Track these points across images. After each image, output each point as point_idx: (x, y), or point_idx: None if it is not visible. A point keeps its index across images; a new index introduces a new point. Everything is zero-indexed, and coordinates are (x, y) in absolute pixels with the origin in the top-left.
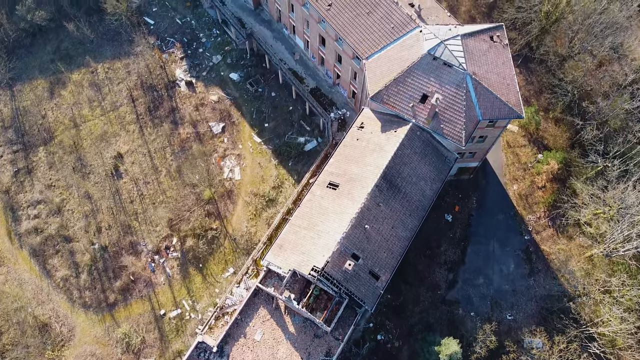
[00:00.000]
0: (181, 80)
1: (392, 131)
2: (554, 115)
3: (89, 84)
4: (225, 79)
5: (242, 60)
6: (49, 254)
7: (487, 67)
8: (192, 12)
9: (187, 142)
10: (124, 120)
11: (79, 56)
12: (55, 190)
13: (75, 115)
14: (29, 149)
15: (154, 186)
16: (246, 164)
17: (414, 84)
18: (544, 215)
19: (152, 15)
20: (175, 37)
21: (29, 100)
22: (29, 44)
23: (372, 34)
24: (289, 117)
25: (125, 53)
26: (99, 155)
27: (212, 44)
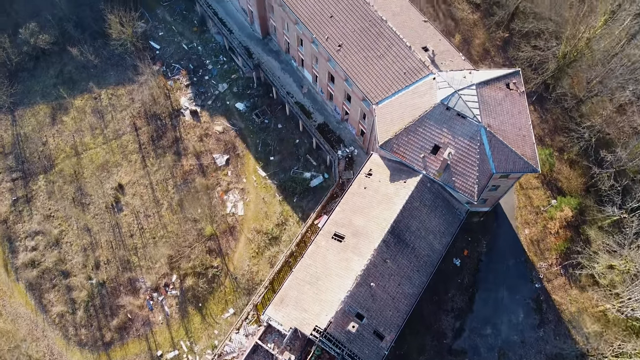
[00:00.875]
0: (186, 109)
1: (402, 181)
2: (569, 157)
3: (92, 110)
4: (230, 109)
5: (248, 89)
6: (46, 288)
7: (503, 118)
8: (198, 37)
9: (190, 174)
10: (126, 150)
11: (82, 81)
12: (54, 221)
13: (77, 142)
14: (28, 177)
15: (155, 220)
16: (250, 198)
17: (425, 134)
18: (555, 263)
19: (158, 39)
20: (181, 63)
21: (30, 126)
22: (32, 67)
23: (384, 78)
24: (295, 150)
25: (130, 79)
26: (99, 186)
27: (218, 71)
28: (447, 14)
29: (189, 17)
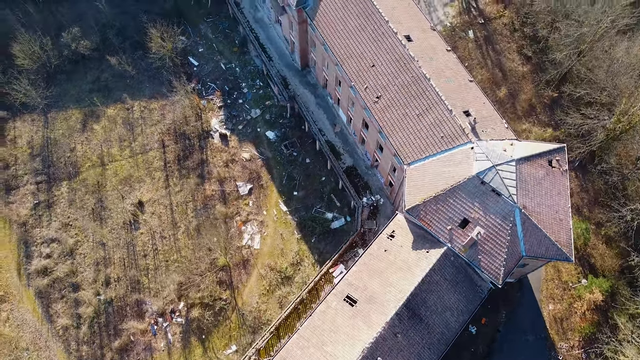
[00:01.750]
0: (215, 131)
1: (424, 250)
2: (606, 233)
3: (123, 121)
4: (260, 136)
5: (281, 118)
6: (54, 298)
7: (540, 199)
8: (238, 58)
9: (211, 200)
10: (151, 166)
11: (117, 90)
12: (72, 230)
13: (104, 152)
14: (52, 181)
15: (170, 242)
16: (268, 233)
17: (455, 205)
18: (578, 346)
19: (197, 56)
20: (217, 83)
21: (61, 130)
22: (70, 70)
23: (419, 139)
24: (320, 188)
25: (164, 94)
26: (120, 200)
27: (253, 96)
28: (496, 62)
29: (231, 37)
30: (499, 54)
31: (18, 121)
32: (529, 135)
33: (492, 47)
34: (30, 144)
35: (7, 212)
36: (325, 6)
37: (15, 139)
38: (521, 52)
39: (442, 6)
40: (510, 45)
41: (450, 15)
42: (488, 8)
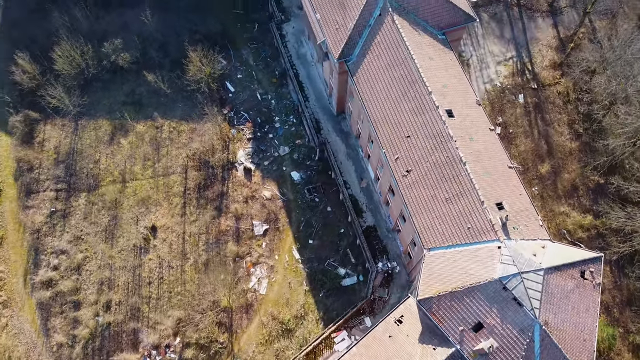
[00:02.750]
0: (241, 163)
1: (431, 347)
2: (634, 341)
3: (150, 139)
4: (285, 176)
5: (308, 160)
6: (54, 312)
7: (565, 315)
8: (275, 90)
9: (224, 235)
10: (170, 191)
11: (149, 106)
12: (82, 244)
13: (127, 169)
14: (72, 191)
15: (176, 274)
16: (276, 279)
17: (471, 306)
18: None
19: (235, 82)
20: (250, 113)
21: (89, 140)
22: (107, 79)
23: (444, 225)
24: (337, 240)
25: (195, 117)
26: (134, 221)
27: (284, 132)
28: (543, 133)
29: (272, 66)
30: (547, 124)
31: (49, 124)
32: (566, 219)
33: (541, 115)
34: (57, 150)
35: (24, 217)
36: (368, 63)
37: (43, 142)
38: (572, 126)
39: (495, 64)
40: (562, 117)
41: (502, 74)
42: (544, 73)
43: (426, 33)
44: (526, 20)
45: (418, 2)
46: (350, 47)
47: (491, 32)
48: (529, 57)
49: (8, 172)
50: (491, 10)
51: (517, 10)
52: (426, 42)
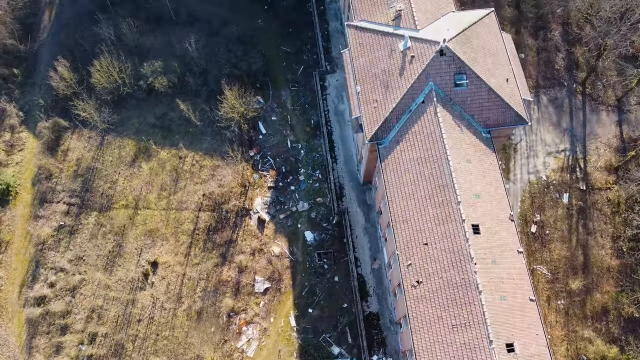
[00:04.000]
0: (256, 212)
1: None
2: None
3: (171, 169)
4: (298, 234)
5: (326, 222)
6: (41, 331)
7: None
8: (307, 140)
9: (223, 286)
10: (180, 227)
11: (177, 134)
12: (82, 266)
13: (142, 196)
14: (83, 208)
15: (167, 317)
16: (267, 343)
17: None
18: None
19: (268, 123)
20: (276, 159)
21: (111, 158)
22: (141, 98)
23: (444, 353)
24: (338, 315)
25: (220, 153)
26: (137, 252)
27: (307, 187)
28: (582, 242)
29: (309, 114)
30: (589, 233)
31: (76, 134)
32: (588, 346)
33: (584, 222)
34: (78, 162)
35: (33, 226)
36: (400, 152)
37: (67, 151)
38: (616, 241)
39: (544, 154)
40: (606, 227)
41: (551, 167)
42: (596, 174)
43: (469, 130)
44: (588, 111)
45: (467, 95)
46: (385, 130)
47: (547, 117)
48: (583, 153)
49: (28, 175)
50: (552, 94)
51: (580, 98)
52: (467, 141)
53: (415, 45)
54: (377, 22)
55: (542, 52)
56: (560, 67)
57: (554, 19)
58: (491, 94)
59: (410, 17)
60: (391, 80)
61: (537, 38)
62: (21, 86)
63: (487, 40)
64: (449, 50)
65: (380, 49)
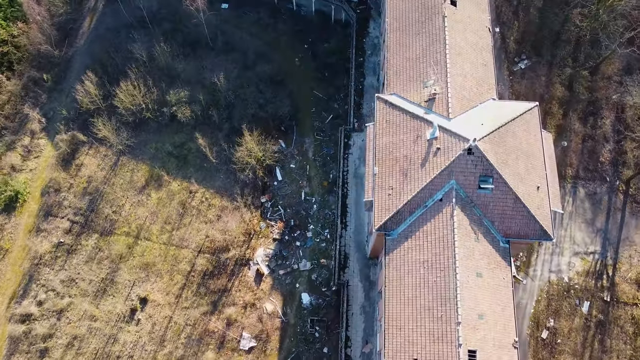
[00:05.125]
0: (255, 264)
1: None
2: None
3: (179, 202)
4: (294, 294)
5: (325, 287)
6: (21, 349)
7: None
8: (322, 195)
9: (208, 337)
10: (176, 266)
11: (192, 166)
12: (73, 289)
13: (145, 226)
14: (85, 228)
15: (147, 359)
16: None
17: None
18: None
19: (286, 170)
20: (287, 210)
21: (122, 180)
22: (163, 124)
23: None
24: None
25: (231, 194)
26: (130, 284)
27: (313, 245)
28: None
29: (329, 168)
30: (605, 351)
31: (92, 150)
32: None
33: (601, 337)
34: (89, 179)
35: (33, 238)
36: (406, 249)
37: (80, 167)
38: None
39: (571, 253)
40: (625, 348)
41: (575, 269)
42: (624, 286)
43: (487, 237)
44: (628, 214)
45: (490, 200)
46: (396, 222)
47: (581, 213)
48: (614, 260)
49: (39, 184)
50: (591, 188)
51: (621, 198)
52: (481, 251)
53: (443, 137)
54: (409, 100)
55: (589, 140)
56: (606, 160)
57: (608, 106)
58: (517, 203)
59: (445, 102)
60: (411, 169)
61: (586, 124)
62: (49, 91)
63: (523, 139)
64: (478, 150)
65: (406, 132)
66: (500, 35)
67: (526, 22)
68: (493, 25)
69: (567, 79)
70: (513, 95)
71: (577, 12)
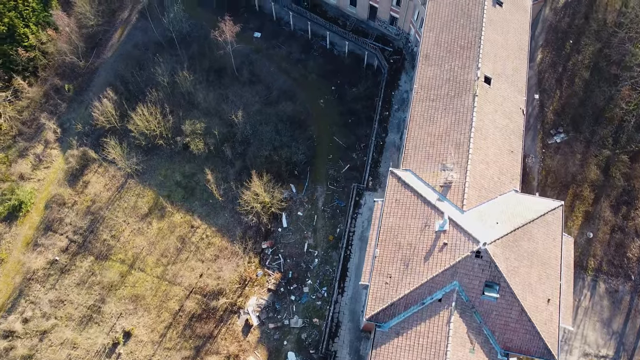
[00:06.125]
0: (246, 313)
1: None
2: None
3: (179, 236)
4: (280, 352)
5: (313, 348)
6: None
7: None
8: (325, 249)
9: None
10: (165, 302)
11: (197, 200)
12: (60, 310)
13: (141, 256)
14: (82, 249)
15: None
16: None
17: None
18: None
19: (292, 217)
20: (287, 261)
21: (126, 204)
22: (175, 152)
23: None
24: None
25: (232, 235)
26: (116, 315)
27: (308, 302)
28: None
29: (337, 221)
30: None
31: (101, 168)
32: None
33: None
34: (94, 198)
35: (29, 252)
36: (395, 346)
37: (87, 184)
38: None
39: (580, 353)
40: None
41: None
42: None
43: (483, 348)
44: None
45: (493, 308)
46: (388, 315)
47: (598, 311)
48: None
49: (44, 196)
50: (613, 285)
51: None
52: None
53: (452, 232)
54: (424, 181)
55: (618, 231)
56: (633, 256)
57: None
58: (522, 316)
59: (461, 192)
60: (414, 259)
61: (617, 213)
62: (69, 101)
63: (540, 244)
64: (487, 254)
65: (414, 217)
66: (539, 103)
67: (569, 93)
68: (531, 96)
69: (604, 161)
70: (543, 170)
71: (626, 90)
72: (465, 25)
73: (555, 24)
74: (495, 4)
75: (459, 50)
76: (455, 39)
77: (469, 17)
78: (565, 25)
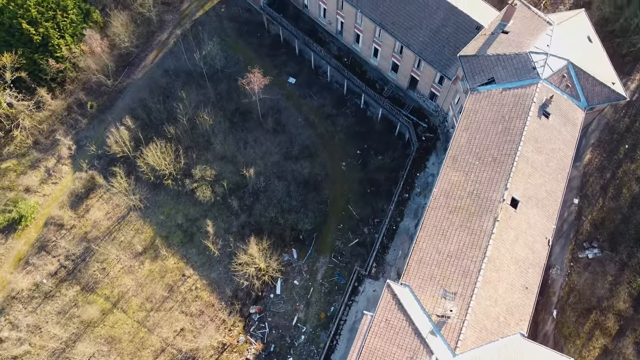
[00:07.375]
0: None
1: None
2: None
3: (167, 284)
4: None
5: None
6: None
7: None
8: (315, 327)
9: None
10: (140, 351)
11: (196, 247)
12: (35, 337)
13: (126, 296)
14: (70, 277)
15: None
16: None
17: None
18: None
19: (287, 286)
20: (272, 332)
21: (124, 237)
22: (183, 192)
23: None
24: None
25: (221, 294)
26: (87, 356)
27: None
28: None
29: (333, 298)
30: None
31: (106, 195)
32: None
33: None
34: (93, 225)
35: (17, 272)
36: None
37: (89, 209)
38: None
39: None
40: None
41: None
42: None
43: None
44: None
45: None
46: None
47: None
48: None
49: (45, 213)
50: None
51: None
52: None
53: None
54: (421, 304)
55: None
56: None
57: None
58: None
59: (457, 330)
60: None
61: None
62: (90, 118)
63: None
64: None
65: (400, 347)
66: (577, 209)
67: (613, 205)
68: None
69: (638, 290)
70: (567, 286)
71: None
72: (503, 133)
73: (613, 123)
74: (541, 115)
75: (491, 161)
76: (489, 147)
77: (509, 124)
78: (623, 127)
